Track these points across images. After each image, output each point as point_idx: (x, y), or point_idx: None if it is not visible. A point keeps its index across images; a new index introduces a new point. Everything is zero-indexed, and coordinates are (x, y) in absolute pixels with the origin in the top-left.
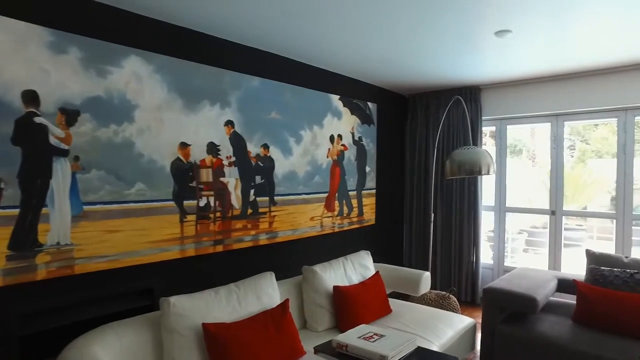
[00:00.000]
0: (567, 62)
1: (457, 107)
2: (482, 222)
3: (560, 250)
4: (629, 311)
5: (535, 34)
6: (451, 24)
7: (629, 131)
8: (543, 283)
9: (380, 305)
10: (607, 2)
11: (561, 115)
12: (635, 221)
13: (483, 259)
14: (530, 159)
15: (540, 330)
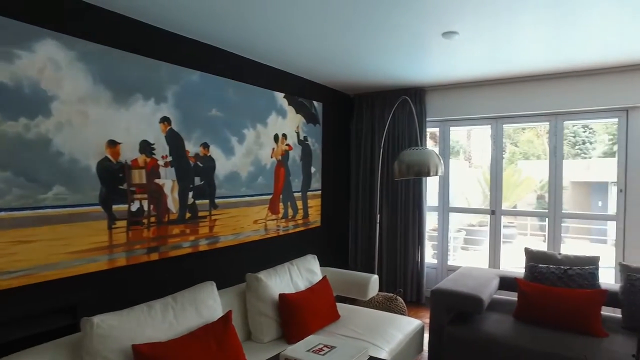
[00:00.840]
0: (508, 66)
1: (403, 108)
2: (427, 222)
3: (500, 248)
4: (564, 306)
5: (480, 36)
6: (400, 23)
7: (559, 135)
8: (487, 282)
9: (328, 312)
10: (543, 11)
11: (500, 118)
12: (563, 219)
13: (427, 259)
14: (467, 160)
15: (484, 328)
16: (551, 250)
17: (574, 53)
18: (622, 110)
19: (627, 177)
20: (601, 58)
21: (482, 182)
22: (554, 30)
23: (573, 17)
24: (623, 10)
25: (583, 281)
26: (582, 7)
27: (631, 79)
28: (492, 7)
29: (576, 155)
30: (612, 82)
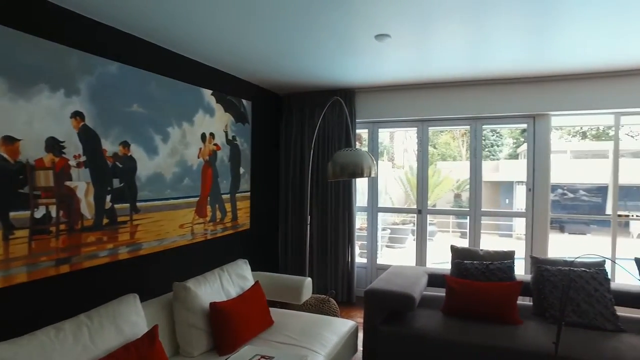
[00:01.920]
0: (435, 71)
1: (333, 109)
2: (356, 222)
3: (426, 246)
4: (486, 298)
5: (411, 41)
6: (334, 24)
7: (478, 138)
8: (417, 280)
9: (261, 318)
10: (464, 22)
11: (426, 120)
12: (482, 216)
13: (356, 259)
14: (390, 161)
15: (416, 325)
16: (473, 247)
17: (490, 63)
18: (530, 117)
19: (534, 178)
20: (512, 68)
21: (404, 182)
22: (473, 40)
23: (488, 30)
24: (530, 26)
25: (502, 274)
26: (494, 24)
27: (537, 89)
28: (422, 13)
29: (486, 157)
30: (521, 91)
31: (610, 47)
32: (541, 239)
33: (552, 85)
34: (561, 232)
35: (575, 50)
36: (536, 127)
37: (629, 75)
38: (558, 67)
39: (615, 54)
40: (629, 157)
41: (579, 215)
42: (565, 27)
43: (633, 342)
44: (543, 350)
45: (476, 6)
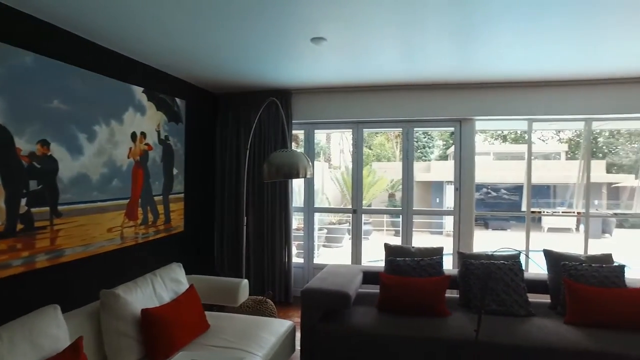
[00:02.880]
0: (370, 75)
1: (269, 110)
2: (293, 222)
3: (362, 245)
4: (418, 293)
5: (346, 44)
6: (271, 25)
7: (410, 140)
8: (352, 278)
9: (197, 323)
10: (400, 28)
11: (361, 122)
12: (414, 215)
13: (293, 259)
14: (327, 161)
15: (352, 322)
16: (405, 244)
17: (421, 69)
18: (457, 121)
19: (461, 178)
20: (442, 75)
21: (340, 183)
22: (406, 48)
23: (420, 39)
24: (458, 38)
25: (432, 270)
26: (426, 34)
27: (463, 95)
28: (358, 18)
29: (419, 158)
30: (449, 97)
31: (525, 61)
32: (467, 235)
33: (477, 92)
34: (485, 229)
35: (496, 61)
36: (462, 131)
37: (540, 86)
38: (482, 76)
39: (528, 67)
40: (541, 159)
41: (499, 213)
42: (488, 40)
43: (541, 323)
44: (468, 338)
45: (409, 16)
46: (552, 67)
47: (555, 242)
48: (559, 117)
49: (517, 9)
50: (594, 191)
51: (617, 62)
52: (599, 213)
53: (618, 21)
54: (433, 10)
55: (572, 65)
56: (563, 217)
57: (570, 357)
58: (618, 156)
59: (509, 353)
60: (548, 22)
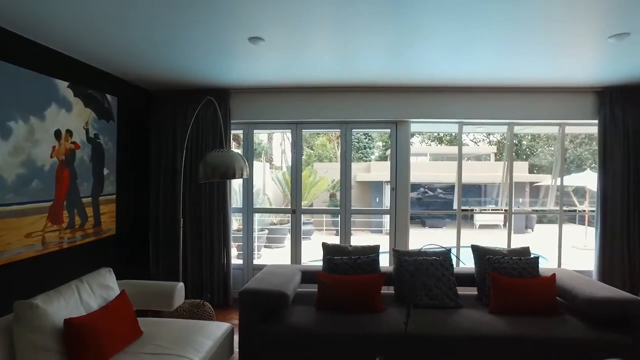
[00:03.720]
0: (308, 76)
1: (207, 109)
2: (232, 223)
3: (301, 245)
4: (354, 291)
5: (284, 45)
6: (209, 23)
7: (348, 141)
8: (291, 278)
9: (128, 330)
10: (338, 31)
11: (300, 123)
12: (352, 214)
13: (233, 260)
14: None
15: (290, 321)
16: (343, 243)
17: (359, 71)
18: (393, 122)
19: (397, 178)
20: (379, 78)
21: (282, 183)
22: (344, 50)
23: (358, 42)
24: (394, 43)
25: (368, 267)
26: (364, 37)
27: (399, 98)
28: (296, 20)
29: (360, 158)
30: (386, 99)
31: (455, 68)
32: (403, 233)
33: (412, 96)
34: (423, 227)
35: (429, 67)
36: (398, 133)
37: (469, 92)
38: (416, 80)
39: (459, 74)
40: (473, 160)
41: (433, 211)
42: (422, 47)
43: (468, 314)
44: (401, 332)
45: (347, 20)
46: (480, 75)
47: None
48: (485, 121)
49: (448, 19)
50: (518, 190)
51: (536, 74)
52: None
53: (536, 40)
54: (369, 16)
55: (497, 74)
56: (492, 214)
57: (493, 343)
58: (538, 158)
59: (439, 343)
60: (476, 32)
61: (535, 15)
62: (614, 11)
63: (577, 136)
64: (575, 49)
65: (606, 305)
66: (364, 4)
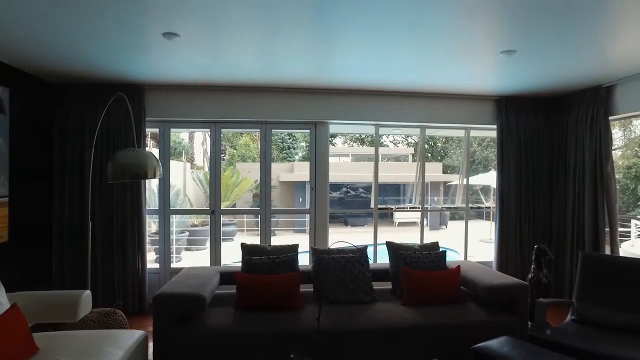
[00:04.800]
0: (228, 75)
1: (119, 105)
2: (147, 226)
3: (220, 246)
4: (273, 290)
5: (201, 43)
6: (118, 12)
7: (268, 141)
8: (208, 280)
9: (20, 348)
10: (259, 31)
11: (219, 122)
12: (272, 214)
13: (149, 264)
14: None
15: (208, 324)
16: (264, 243)
17: (279, 72)
18: (313, 123)
19: (316, 178)
20: (299, 79)
21: (203, 183)
22: (265, 50)
23: (278, 43)
24: (314, 46)
25: (287, 266)
26: (284, 38)
27: (318, 99)
28: (214, 18)
29: (284, 158)
30: (305, 100)
31: (373, 72)
32: (322, 232)
33: (331, 98)
34: (345, 226)
35: (348, 71)
36: (317, 133)
37: (385, 96)
38: (335, 82)
39: (376, 77)
40: (392, 160)
41: (350, 210)
42: (343, 52)
43: (382, 307)
44: (323, 329)
45: (267, 22)
46: (396, 80)
47: (404, 235)
48: (399, 124)
49: (365, 27)
50: (433, 189)
51: (444, 81)
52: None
53: (443, 52)
54: (288, 21)
55: (411, 80)
56: (410, 212)
57: (405, 333)
58: (451, 159)
59: (355, 336)
60: (391, 41)
61: (441, 31)
62: (503, 30)
63: (484, 139)
64: (475, 61)
65: (500, 291)
66: (282, 9)
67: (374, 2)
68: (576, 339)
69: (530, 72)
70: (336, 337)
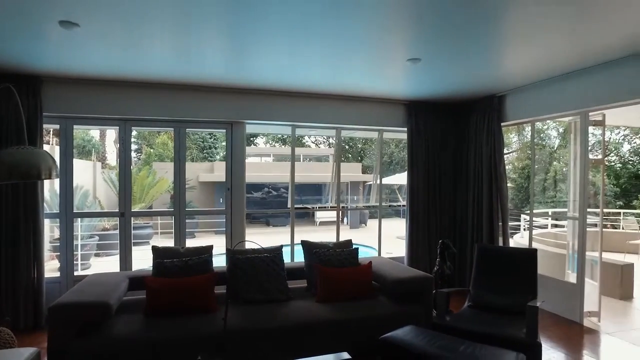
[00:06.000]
0: (139, 70)
1: (9, 98)
2: (49, 231)
3: (131, 250)
4: (186, 293)
5: (107, 34)
6: None
7: (182, 140)
8: (115, 286)
9: None
10: (170, 27)
11: (130, 120)
12: (187, 216)
13: (49, 273)
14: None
15: (115, 333)
16: (179, 245)
17: (194, 70)
18: (229, 123)
19: (232, 178)
20: (215, 78)
21: (115, 184)
22: (178, 47)
23: (192, 41)
24: (229, 45)
25: (200, 268)
26: (198, 35)
27: (234, 99)
28: (116, 10)
29: (204, 158)
30: (221, 100)
31: (291, 73)
32: (239, 232)
33: (247, 98)
34: (267, 226)
35: (265, 71)
36: (234, 133)
37: (301, 97)
38: (253, 82)
39: (293, 79)
40: (314, 161)
41: (268, 210)
42: (260, 52)
43: (297, 305)
44: (231, 329)
45: (179, 17)
46: (313, 82)
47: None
48: (315, 125)
49: (283, 30)
50: (353, 188)
51: (359, 85)
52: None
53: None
54: (201, 17)
55: (327, 83)
56: (330, 211)
57: (318, 328)
58: (370, 159)
59: (269, 335)
60: (308, 42)
61: (355, 38)
62: (410, 40)
63: (402, 141)
64: (385, 67)
65: (406, 284)
66: (193, 4)
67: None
68: (469, 322)
69: (434, 80)
70: (249, 337)
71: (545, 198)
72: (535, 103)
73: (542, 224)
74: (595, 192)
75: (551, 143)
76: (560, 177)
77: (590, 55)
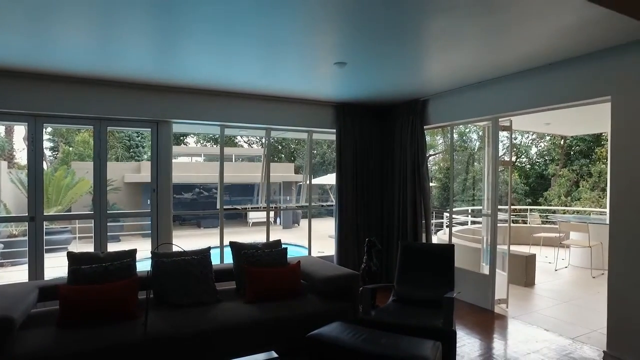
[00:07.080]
0: (51, 63)
1: None
2: None
3: (42, 257)
4: (105, 300)
5: (11, 21)
6: None
7: (103, 139)
8: (21, 298)
9: None
10: (91, 17)
11: (41, 116)
12: (110, 218)
13: None
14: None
15: (20, 351)
16: (99, 250)
17: (115, 64)
18: (154, 122)
19: (158, 179)
20: (139, 75)
21: (26, 185)
22: (99, 39)
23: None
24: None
25: (122, 273)
26: (121, 28)
27: (160, 97)
28: None
29: (131, 157)
30: (146, 98)
31: (219, 73)
32: (166, 235)
33: (174, 96)
34: (198, 228)
35: (193, 70)
36: (160, 132)
37: (231, 97)
38: (179, 80)
39: (222, 78)
40: (247, 161)
41: (197, 212)
42: (188, 50)
43: (226, 307)
44: (156, 336)
45: (99, 6)
46: (241, 82)
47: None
48: (245, 125)
49: (211, 27)
50: (286, 188)
51: (289, 86)
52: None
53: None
54: (126, 2)
55: (257, 83)
56: (262, 211)
57: (247, 329)
58: (302, 160)
59: (196, 338)
60: (239, 40)
61: (281, 37)
62: (336, 44)
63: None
64: (314, 70)
65: (334, 282)
66: None
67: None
68: (392, 315)
69: (361, 83)
70: (175, 341)
71: (466, 197)
72: (454, 108)
73: (463, 220)
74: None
75: (472, 145)
76: (480, 177)
77: (500, 66)
